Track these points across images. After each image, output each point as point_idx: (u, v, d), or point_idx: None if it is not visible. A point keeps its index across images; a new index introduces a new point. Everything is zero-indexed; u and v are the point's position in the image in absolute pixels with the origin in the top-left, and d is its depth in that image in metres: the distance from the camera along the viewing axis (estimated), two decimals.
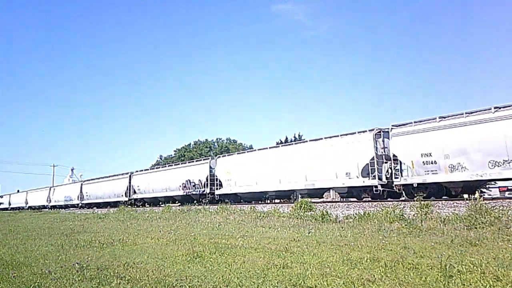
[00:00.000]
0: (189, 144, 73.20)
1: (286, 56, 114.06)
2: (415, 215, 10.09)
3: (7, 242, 9.40)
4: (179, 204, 27.62)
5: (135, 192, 33.93)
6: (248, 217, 13.23)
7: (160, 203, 30.89)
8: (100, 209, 30.35)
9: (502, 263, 4.52)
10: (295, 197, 21.16)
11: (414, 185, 15.39)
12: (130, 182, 34.60)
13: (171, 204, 26.22)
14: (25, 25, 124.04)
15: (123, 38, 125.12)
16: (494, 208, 9.34)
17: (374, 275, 4.32)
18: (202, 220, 13.70)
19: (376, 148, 16.91)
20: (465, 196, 14.37)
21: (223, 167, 25.24)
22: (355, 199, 18.59)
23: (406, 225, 8.61)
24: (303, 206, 13.95)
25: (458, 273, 4.19)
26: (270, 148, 23.27)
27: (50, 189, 50.62)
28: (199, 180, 26.77)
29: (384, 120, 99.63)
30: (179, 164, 34.91)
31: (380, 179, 16.51)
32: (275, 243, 7.10)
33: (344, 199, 20.22)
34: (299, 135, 53.26)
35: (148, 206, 31.39)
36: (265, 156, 22.55)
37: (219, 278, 4.55)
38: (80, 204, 41.22)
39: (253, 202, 23.01)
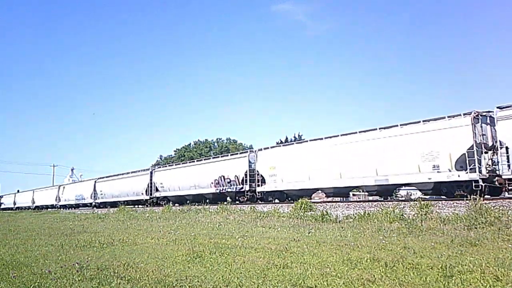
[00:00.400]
0: (189, 144, 73.20)
1: (286, 56, 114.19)
2: (415, 215, 10.09)
3: (7, 242, 9.40)
4: (209, 203, 23.27)
5: (157, 190, 30.58)
6: (248, 217, 13.23)
7: (188, 202, 26.63)
8: (113, 209, 27.53)
9: (502, 263, 4.52)
10: (355, 194, 18.65)
11: None
12: (151, 179, 31.20)
13: (198, 205, 21.97)
14: (25, 25, 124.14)
15: (123, 38, 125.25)
16: (494, 208, 9.34)
17: (374, 275, 4.32)
18: (202, 220, 13.71)
19: (475, 134, 13.80)
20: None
21: (266, 161, 22.26)
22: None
23: (406, 225, 8.61)
24: (303, 206, 13.94)
25: (458, 273, 4.19)
26: (325, 138, 19.69)
27: (59, 188, 46.95)
28: (236, 176, 23.97)
29: (384, 120, 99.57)
30: (210, 158, 31.14)
31: (480, 172, 13.60)
32: (275, 243, 7.11)
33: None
34: (299, 135, 53.27)
35: (172, 205, 26.71)
36: (319, 148, 19.54)
37: (219, 278, 4.55)
38: (94, 203, 37.86)
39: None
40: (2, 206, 61.40)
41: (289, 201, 19.74)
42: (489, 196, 13.80)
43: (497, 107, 14.06)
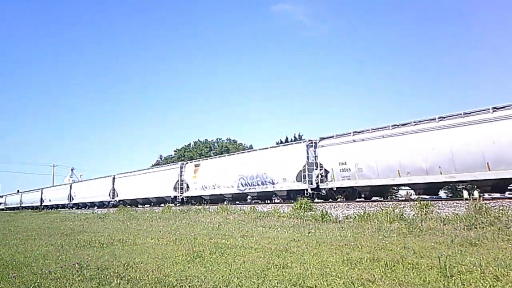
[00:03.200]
0: (189, 144, 73.19)
1: (286, 56, 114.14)
2: (415, 215, 10.08)
3: (7, 242, 9.40)
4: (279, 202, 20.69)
5: (188, 188, 26.57)
6: (248, 217, 13.22)
7: (237, 202, 23.05)
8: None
9: (502, 263, 4.52)
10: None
11: None
12: (181, 175, 27.20)
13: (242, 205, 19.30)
14: (25, 25, 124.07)
15: (123, 39, 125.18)
16: (494, 208, 9.34)
17: (374, 275, 4.32)
18: (202, 220, 13.70)
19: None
20: (465, 196, 14.21)
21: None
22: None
23: (406, 225, 8.60)
24: (303, 206, 13.93)
25: (458, 273, 4.18)
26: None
27: (71, 186, 44.06)
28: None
29: (384, 120, 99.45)
30: (266, 148, 23.23)
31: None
32: (275, 243, 7.10)
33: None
34: (299, 135, 53.26)
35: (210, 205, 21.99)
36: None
37: (219, 278, 4.55)
38: (113, 203, 34.64)
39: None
40: (3, 206, 60.82)
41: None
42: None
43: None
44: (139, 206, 31.09)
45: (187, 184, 26.61)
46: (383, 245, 6.29)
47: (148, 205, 30.90)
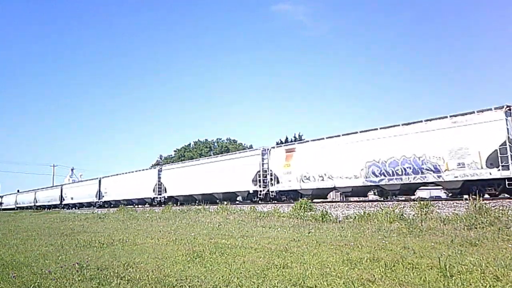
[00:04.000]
0: (189, 144, 73.20)
1: (286, 56, 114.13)
2: (415, 215, 10.08)
3: (7, 242, 9.40)
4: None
5: (279, 182, 19.95)
6: (248, 217, 13.22)
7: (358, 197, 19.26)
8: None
9: (502, 263, 4.52)
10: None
11: None
12: (262, 165, 20.84)
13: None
14: (25, 25, 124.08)
15: (124, 38, 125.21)
16: (494, 208, 9.34)
17: (374, 275, 4.32)
18: (202, 220, 13.70)
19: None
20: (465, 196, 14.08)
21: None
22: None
23: (406, 225, 8.60)
24: (303, 206, 13.93)
25: (458, 273, 4.18)
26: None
27: (100, 181, 37.65)
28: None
29: (384, 120, 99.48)
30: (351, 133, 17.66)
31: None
32: (275, 243, 7.10)
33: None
34: (299, 135, 53.25)
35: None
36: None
37: (219, 278, 4.55)
38: (159, 200, 28.61)
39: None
40: (2, 206, 61.35)
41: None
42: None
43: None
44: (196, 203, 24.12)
45: (275, 176, 20.21)
46: (383, 245, 6.29)
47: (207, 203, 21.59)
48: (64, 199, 44.95)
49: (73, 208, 40.07)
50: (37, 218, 23.86)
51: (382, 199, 17.66)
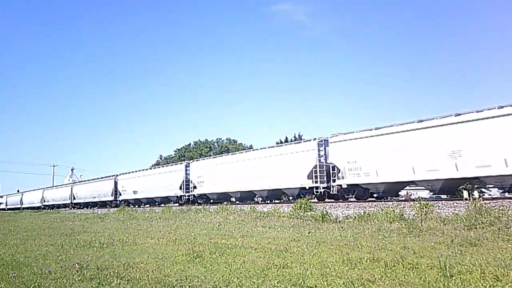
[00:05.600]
0: (189, 144, 73.21)
1: (286, 56, 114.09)
2: (415, 215, 10.07)
3: (7, 242, 9.40)
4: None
5: (341, 177, 18.22)
6: (248, 217, 13.22)
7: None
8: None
9: (502, 263, 4.52)
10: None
11: None
12: (320, 154, 19.12)
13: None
14: (25, 25, 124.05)
15: (124, 38, 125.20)
16: (494, 208, 9.33)
17: (374, 275, 4.32)
18: (202, 220, 13.69)
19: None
20: (465, 195, 14.11)
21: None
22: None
23: (406, 225, 8.60)
24: (303, 206, 13.94)
25: (458, 273, 4.18)
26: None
27: (116, 178, 35.90)
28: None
29: (384, 120, 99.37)
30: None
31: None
32: (275, 243, 7.10)
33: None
34: (299, 135, 53.22)
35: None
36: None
37: (219, 278, 4.55)
38: (187, 198, 27.17)
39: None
40: (32, 205, 57.08)
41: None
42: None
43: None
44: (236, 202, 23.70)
45: (340, 170, 18.25)
46: (383, 245, 6.29)
47: (249, 202, 22.44)
48: (75, 198, 43.03)
49: (85, 208, 37.48)
50: (37, 218, 23.86)
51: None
